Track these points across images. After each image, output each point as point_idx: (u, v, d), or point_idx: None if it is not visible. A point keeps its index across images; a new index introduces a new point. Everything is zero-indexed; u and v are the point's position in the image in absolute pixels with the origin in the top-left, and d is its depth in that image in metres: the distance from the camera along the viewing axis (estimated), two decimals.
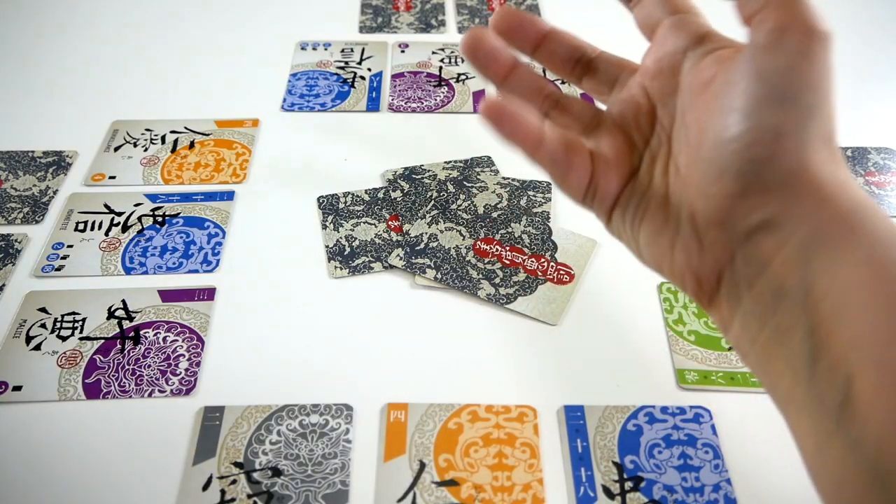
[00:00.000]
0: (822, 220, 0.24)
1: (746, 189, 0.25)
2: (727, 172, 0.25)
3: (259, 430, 0.41)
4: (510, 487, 0.38)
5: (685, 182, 0.28)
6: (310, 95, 0.64)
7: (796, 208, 0.24)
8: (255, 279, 0.49)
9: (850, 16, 0.76)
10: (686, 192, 0.28)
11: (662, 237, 0.29)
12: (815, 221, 0.24)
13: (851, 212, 0.24)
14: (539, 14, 0.75)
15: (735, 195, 0.25)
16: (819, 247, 0.24)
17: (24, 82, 0.65)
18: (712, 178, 0.26)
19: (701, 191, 0.27)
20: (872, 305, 0.22)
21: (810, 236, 0.24)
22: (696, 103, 0.28)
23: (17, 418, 0.41)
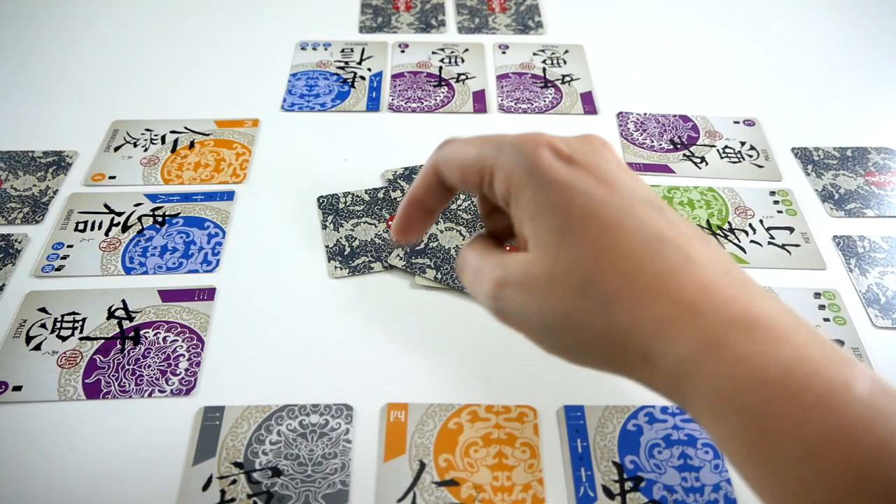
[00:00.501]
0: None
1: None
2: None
3: (259, 430, 0.41)
4: (510, 487, 0.38)
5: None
6: (310, 95, 0.64)
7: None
8: (255, 279, 0.49)
9: (850, 16, 0.76)
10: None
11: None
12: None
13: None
14: (539, 13, 0.75)
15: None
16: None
17: (24, 82, 0.65)
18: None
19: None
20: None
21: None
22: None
23: (17, 418, 0.41)
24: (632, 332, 0.26)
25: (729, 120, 0.63)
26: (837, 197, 0.56)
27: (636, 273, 0.26)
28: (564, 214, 0.27)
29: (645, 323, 0.25)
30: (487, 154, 0.30)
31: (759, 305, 0.26)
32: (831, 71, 0.69)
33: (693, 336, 0.25)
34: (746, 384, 0.24)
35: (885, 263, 0.51)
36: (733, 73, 0.68)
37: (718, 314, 0.25)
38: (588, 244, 0.26)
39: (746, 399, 0.24)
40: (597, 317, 0.26)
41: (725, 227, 0.53)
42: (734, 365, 0.24)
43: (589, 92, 0.65)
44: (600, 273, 0.26)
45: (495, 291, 0.29)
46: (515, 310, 0.28)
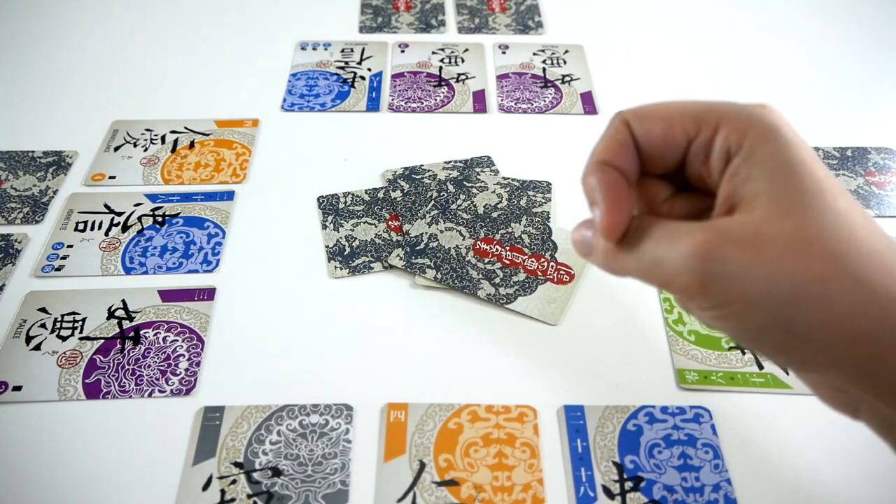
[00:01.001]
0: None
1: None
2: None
3: (259, 430, 0.41)
4: (510, 487, 0.38)
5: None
6: (310, 95, 0.64)
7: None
8: (255, 279, 0.49)
9: (851, 16, 0.76)
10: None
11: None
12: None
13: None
14: (539, 13, 0.75)
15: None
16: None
17: (24, 82, 0.65)
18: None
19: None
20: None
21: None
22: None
23: (17, 418, 0.41)
24: (886, 314, 0.22)
25: None
26: None
27: (888, 255, 0.23)
28: (815, 178, 0.24)
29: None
30: (707, 106, 0.27)
31: None
32: (831, 71, 0.69)
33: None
34: None
35: None
36: (732, 73, 0.68)
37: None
38: (840, 213, 0.24)
39: None
40: (848, 291, 0.23)
41: None
42: None
43: (589, 92, 0.65)
44: (856, 244, 0.23)
45: (708, 250, 0.24)
46: (735, 273, 0.23)
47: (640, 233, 0.27)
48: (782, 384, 0.43)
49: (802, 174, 0.24)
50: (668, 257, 0.25)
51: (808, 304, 0.23)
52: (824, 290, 0.23)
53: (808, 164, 0.24)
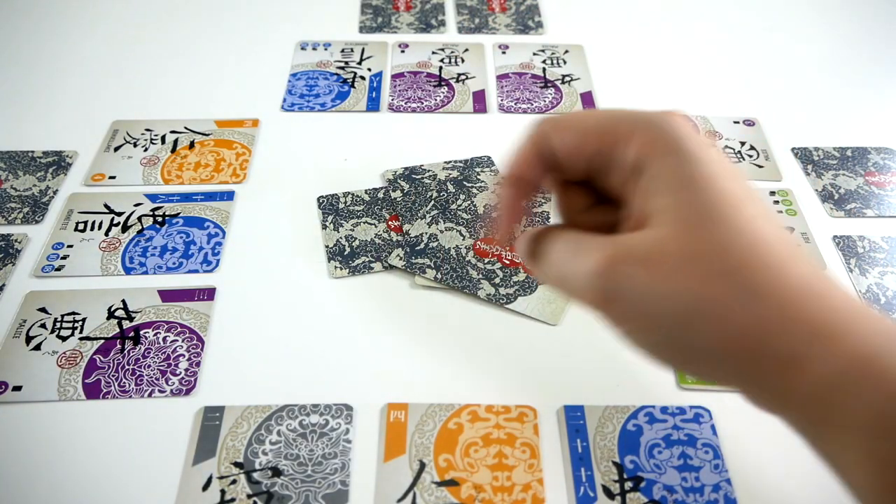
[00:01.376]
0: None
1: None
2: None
3: (259, 430, 0.41)
4: (510, 487, 0.38)
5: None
6: (310, 95, 0.64)
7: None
8: (255, 279, 0.49)
9: (851, 16, 0.76)
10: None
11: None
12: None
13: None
14: (539, 13, 0.75)
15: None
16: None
17: (24, 82, 0.65)
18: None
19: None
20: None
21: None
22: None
23: (17, 418, 0.41)
24: (779, 331, 0.23)
25: (729, 120, 0.63)
26: (837, 197, 0.56)
27: (788, 268, 0.23)
28: (717, 191, 0.24)
29: (798, 323, 0.23)
30: (621, 117, 0.27)
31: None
32: (831, 71, 0.69)
33: (855, 344, 0.22)
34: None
35: (885, 263, 0.51)
36: (733, 73, 0.68)
37: (875, 326, 0.23)
38: (742, 227, 0.23)
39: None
40: (741, 308, 0.23)
41: None
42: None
43: (589, 92, 0.65)
44: (753, 260, 0.23)
45: (608, 268, 0.24)
46: (633, 290, 0.24)
47: (552, 246, 0.27)
48: None
49: (705, 188, 0.24)
50: (574, 273, 0.25)
51: (703, 322, 0.23)
52: (718, 306, 0.23)
53: (711, 177, 0.24)
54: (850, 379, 0.22)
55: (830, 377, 0.22)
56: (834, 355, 0.22)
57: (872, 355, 0.22)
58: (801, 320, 0.23)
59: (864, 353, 0.22)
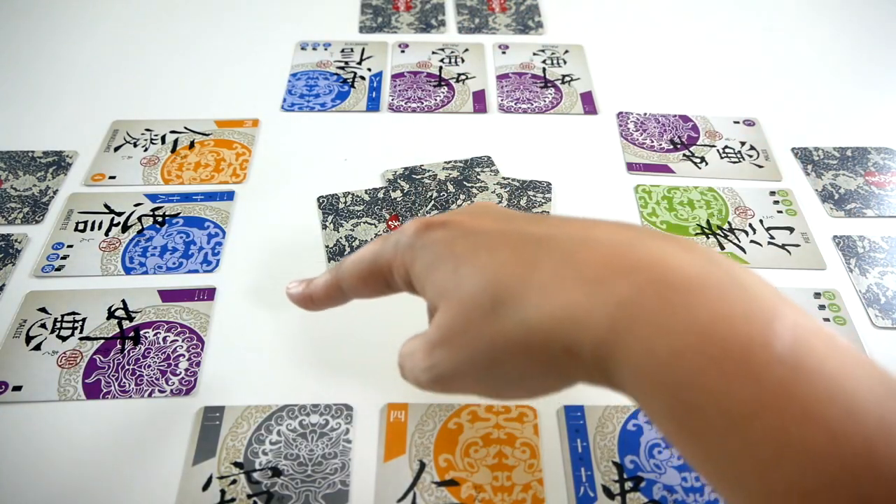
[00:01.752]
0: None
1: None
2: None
3: (259, 430, 0.41)
4: (510, 487, 0.38)
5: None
6: (310, 95, 0.64)
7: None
8: (255, 279, 0.49)
9: (850, 16, 0.76)
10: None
11: None
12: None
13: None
14: (539, 13, 0.75)
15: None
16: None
17: (24, 82, 0.65)
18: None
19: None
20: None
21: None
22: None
23: (17, 418, 0.41)
24: (547, 327, 0.25)
25: (729, 120, 0.63)
26: (837, 197, 0.56)
27: (532, 270, 0.26)
28: (452, 259, 0.28)
29: (556, 312, 0.25)
30: (378, 252, 0.32)
31: (673, 262, 0.24)
32: (831, 71, 0.69)
33: (604, 314, 0.24)
34: (665, 358, 0.23)
35: (885, 263, 0.51)
36: (733, 73, 0.68)
37: (627, 284, 0.24)
38: (481, 271, 0.27)
39: (667, 375, 0.23)
40: (514, 329, 0.26)
41: (725, 227, 0.53)
42: (650, 339, 0.23)
43: (589, 92, 0.65)
44: (501, 287, 0.26)
45: (427, 361, 0.29)
46: (450, 367, 0.29)
47: (402, 356, 0.32)
48: None
49: (443, 264, 0.29)
50: (416, 372, 0.31)
51: (500, 359, 0.27)
52: (500, 343, 0.27)
53: (442, 254, 0.29)
54: (612, 346, 0.24)
55: (596, 350, 0.24)
56: (591, 329, 0.24)
57: (626, 315, 0.24)
58: (559, 307, 0.25)
59: (619, 315, 0.24)
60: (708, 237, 0.52)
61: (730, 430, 0.22)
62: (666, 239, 0.26)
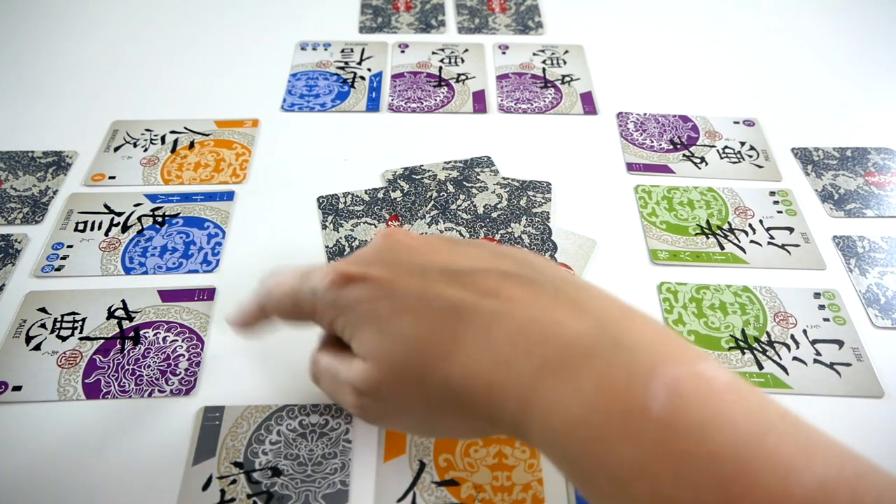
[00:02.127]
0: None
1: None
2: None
3: (259, 430, 0.41)
4: (510, 487, 0.38)
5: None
6: (310, 95, 0.64)
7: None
8: (255, 279, 0.49)
9: (850, 16, 0.76)
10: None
11: None
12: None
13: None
14: (539, 13, 0.75)
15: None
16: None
17: (24, 82, 0.65)
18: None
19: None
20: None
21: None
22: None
23: (17, 418, 0.41)
24: (472, 396, 0.28)
25: (729, 120, 0.63)
26: (837, 197, 0.56)
27: (454, 343, 0.28)
28: (376, 321, 0.30)
29: (478, 388, 0.28)
30: (297, 296, 0.34)
31: (567, 334, 0.26)
32: (831, 71, 0.69)
33: (514, 393, 0.27)
34: (560, 431, 0.25)
35: (885, 263, 0.51)
36: (733, 73, 0.68)
37: (529, 364, 0.26)
38: (407, 341, 0.29)
39: (563, 445, 0.25)
40: (443, 395, 0.29)
41: (725, 228, 0.53)
42: (547, 414, 0.25)
43: (589, 92, 0.65)
44: (428, 357, 0.29)
45: (356, 402, 0.32)
46: (378, 415, 0.33)
47: (320, 367, 0.36)
48: (782, 384, 0.43)
49: (366, 328, 0.31)
50: (341, 400, 0.34)
51: (435, 417, 0.31)
52: (434, 404, 0.30)
53: (364, 317, 0.31)
54: (521, 423, 0.27)
55: (512, 427, 0.27)
56: (506, 407, 0.27)
57: (528, 395, 0.27)
58: (481, 386, 0.28)
59: (523, 394, 0.27)
60: (708, 237, 0.52)
61: (617, 494, 0.23)
62: (564, 304, 0.28)
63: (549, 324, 0.27)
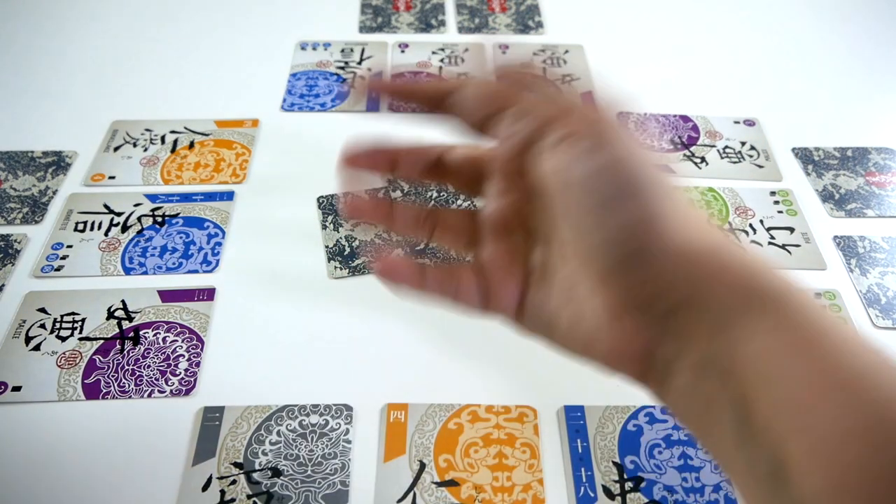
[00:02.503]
0: (727, 292, 0.24)
1: (636, 283, 0.25)
2: (611, 273, 0.25)
3: (259, 430, 0.40)
4: (510, 488, 0.38)
5: (586, 272, 0.27)
6: (310, 95, 0.64)
7: (698, 286, 0.25)
8: (255, 279, 0.49)
9: (850, 17, 0.76)
10: (590, 281, 0.27)
11: (583, 325, 0.28)
12: (720, 294, 0.24)
13: (750, 273, 0.25)
14: (539, 13, 0.75)
15: (630, 288, 0.25)
16: (729, 319, 0.24)
17: (24, 82, 0.65)
18: (603, 276, 0.26)
19: (601, 283, 0.26)
20: (789, 372, 0.22)
21: (720, 309, 0.24)
22: (555, 203, 0.27)
23: (17, 418, 0.41)
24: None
25: (729, 120, 0.63)
26: (838, 197, 0.56)
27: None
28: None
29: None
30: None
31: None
32: (831, 71, 0.69)
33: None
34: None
35: (886, 264, 0.51)
36: (733, 73, 0.68)
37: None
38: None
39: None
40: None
41: (726, 228, 0.53)
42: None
43: (589, 92, 0.65)
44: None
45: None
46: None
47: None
48: None
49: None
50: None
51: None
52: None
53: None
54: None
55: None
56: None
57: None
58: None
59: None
60: None
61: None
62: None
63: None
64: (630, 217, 0.25)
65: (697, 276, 0.25)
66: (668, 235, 0.25)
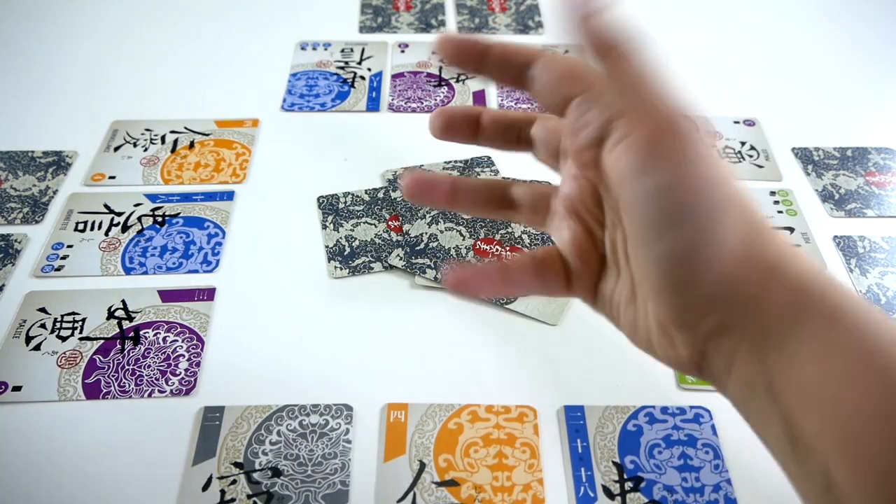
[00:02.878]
0: (766, 317, 0.24)
1: (679, 306, 0.25)
2: (660, 292, 0.25)
3: (259, 430, 0.41)
4: (510, 488, 0.38)
5: (642, 280, 0.27)
6: (310, 95, 0.64)
7: (737, 311, 0.25)
8: (255, 279, 0.49)
9: (850, 16, 0.76)
10: (644, 289, 0.27)
11: (641, 328, 0.28)
12: (759, 320, 0.24)
13: (794, 295, 0.24)
14: (539, 13, 0.75)
15: (674, 308, 0.25)
16: (769, 343, 0.24)
17: (24, 82, 0.65)
18: (654, 292, 0.26)
19: (653, 296, 0.26)
20: (836, 401, 0.22)
21: (759, 334, 0.24)
22: (619, 202, 0.27)
23: (17, 418, 0.41)
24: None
25: (729, 120, 0.63)
26: (838, 197, 0.56)
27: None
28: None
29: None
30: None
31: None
32: (831, 71, 0.69)
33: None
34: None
35: (886, 264, 0.51)
36: (733, 73, 0.68)
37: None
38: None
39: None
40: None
41: None
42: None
43: None
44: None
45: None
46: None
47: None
48: None
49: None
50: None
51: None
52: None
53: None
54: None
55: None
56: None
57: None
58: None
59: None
60: None
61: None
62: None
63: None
64: (675, 247, 0.24)
65: (738, 301, 0.25)
66: (714, 265, 0.24)
